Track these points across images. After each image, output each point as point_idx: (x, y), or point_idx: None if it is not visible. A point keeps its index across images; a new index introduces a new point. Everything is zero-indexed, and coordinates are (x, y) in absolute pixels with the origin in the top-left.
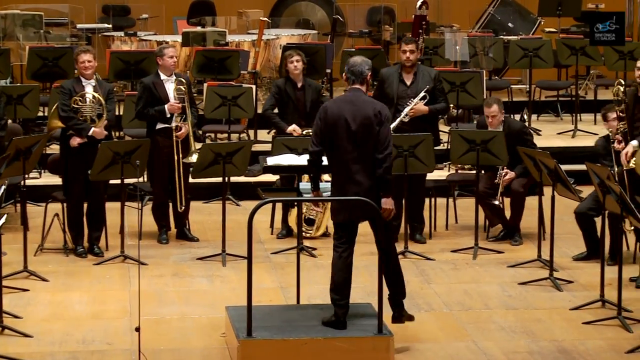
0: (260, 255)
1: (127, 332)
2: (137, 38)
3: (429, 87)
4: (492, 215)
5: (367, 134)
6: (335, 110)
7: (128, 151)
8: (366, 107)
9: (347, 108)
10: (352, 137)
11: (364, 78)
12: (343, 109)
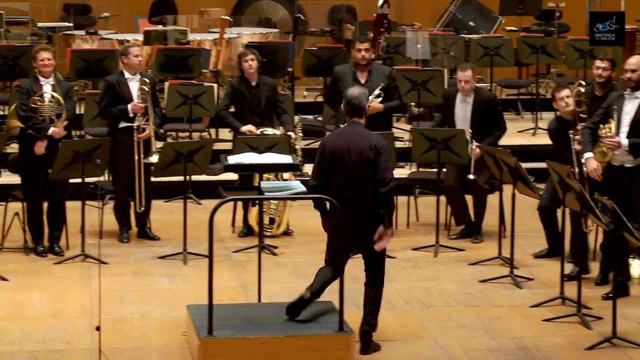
0: (221, 254)
1: (87, 332)
2: (98, 37)
3: (383, 85)
4: (458, 212)
5: (363, 167)
6: (333, 144)
7: (89, 150)
8: (363, 140)
9: (345, 142)
10: (348, 171)
11: (362, 110)
12: (341, 143)
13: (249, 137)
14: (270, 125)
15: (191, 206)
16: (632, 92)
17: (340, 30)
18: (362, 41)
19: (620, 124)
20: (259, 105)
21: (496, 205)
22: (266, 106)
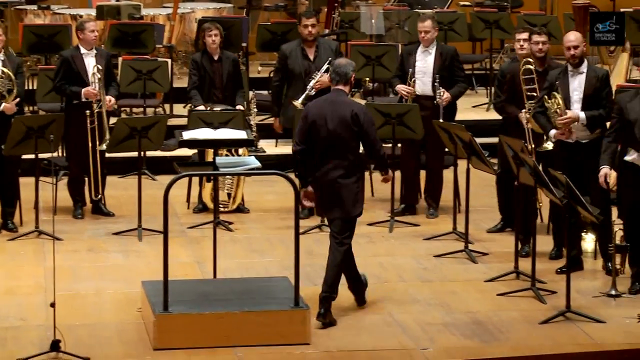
0: (176, 230)
1: (41, 308)
2: (50, 11)
3: (331, 60)
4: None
5: (343, 134)
6: (315, 110)
7: (42, 125)
8: (344, 108)
9: (327, 108)
10: (327, 136)
11: (348, 79)
12: (323, 109)
13: (204, 112)
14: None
15: (146, 182)
16: (576, 68)
17: (295, 5)
18: (308, 17)
19: (570, 100)
20: (221, 80)
21: (451, 180)
22: (227, 81)
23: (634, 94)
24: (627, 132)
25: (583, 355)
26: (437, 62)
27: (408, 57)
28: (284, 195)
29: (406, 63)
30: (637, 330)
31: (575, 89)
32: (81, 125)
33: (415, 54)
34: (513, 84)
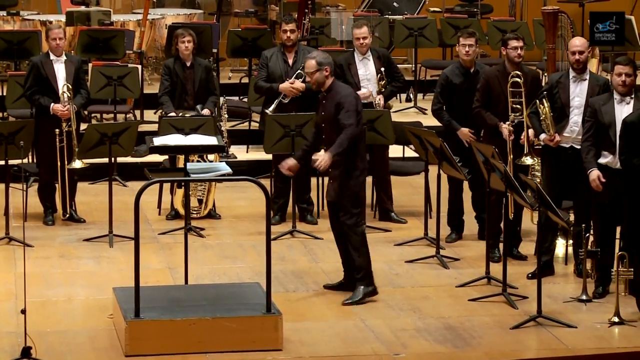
0: (148, 236)
1: (12, 315)
2: (20, 17)
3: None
4: None
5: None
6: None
7: (12, 132)
8: (335, 97)
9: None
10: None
11: None
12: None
13: (174, 118)
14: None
15: (117, 188)
16: (579, 75)
17: (265, 11)
18: (287, 22)
19: (570, 105)
20: (192, 87)
21: (422, 186)
22: (200, 87)
23: (607, 98)
24: (602, 135)
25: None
26: (378, 66)
27: (349, 67)
28: (256, 201)
29: (347, 73)
30: (607, 335)
31: (577, 94)
32: (51, 132)
33: (354, 63)
34: (489, 89)
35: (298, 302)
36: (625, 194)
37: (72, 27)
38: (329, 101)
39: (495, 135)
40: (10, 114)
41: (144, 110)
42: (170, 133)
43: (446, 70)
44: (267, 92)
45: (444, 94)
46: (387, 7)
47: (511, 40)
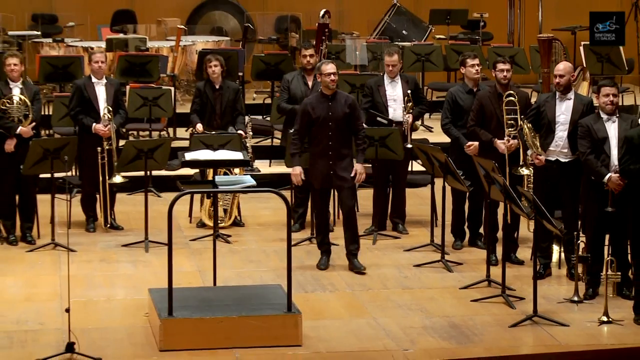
0: (180, 242)
1: (58, 313)
2: (64, 44)
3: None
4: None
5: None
6: None
7: (57, 148)
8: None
9: None
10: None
11: None
12: None
13: (205, 135)
14: (230, 126)
15: (152, 199)
16: (563, 95)
17: (286, 38)
18: (307, 48)
19: (555, 122)
20: (220, 108)
21: (429, 197)
22: (227, 107)
23: (596, 117)
24: (597, 150)
25: (549, 355)
26: (405, 89)
27: (378, 89)
28: (278, 211)
29: (376, 95)
30: (597, 333)
31: (562, 112)
32: (93, 148)
33: (383, 85)
34: (482, 109)
35: (316, 302)
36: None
37: (112, 53)
38: (336, 102)
39: (489, 150)
40: (55, 131)
41: (176, 128)
42: (200, 149)
43: (452, 90)
44: (289, 113)
45: (451, 111)
46: (397, 35)
47: (499, 63)
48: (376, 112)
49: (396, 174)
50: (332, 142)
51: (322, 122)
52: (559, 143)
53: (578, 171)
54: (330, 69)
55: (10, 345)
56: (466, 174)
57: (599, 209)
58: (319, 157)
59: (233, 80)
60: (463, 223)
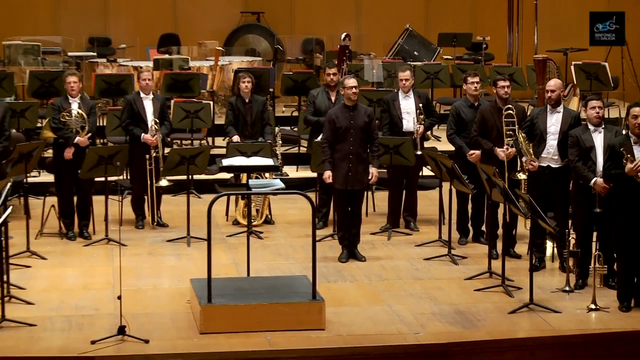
0: (218, 238)
1: (111, 300)
2: (117, 64)
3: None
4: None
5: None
6: None
7: (110, 155)
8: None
9: None
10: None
11: None
12: None
13: (240, 144)
14: (259, 135)
15: (193, 200)
16: (554, 108)
17: (311, 58)
18: (330, 67)
19: (547, 132)
20: (251, 119)
21: (437, 198)
22: (256, 119)
23: (584, 129)
24: (584, 157)
25: (543, 339)
26: (417, 103)
27: (393, 103)
28: (304, 210)
29: (392, 109)
30: (586, 319)
31: (553, 124)
32: (142, 155)
33: (398, 100)
34: (484, 121)
35: (337, 291)
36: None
37: (158, 71)
38: (357, 113)
39: (490, 157)
40: (109, 140)
41: (214, 138)
42: (235, 155)
43: (456, 104)
44: (314, 124)
45: (455, 123)
46: (409, 55)
47: (499, 80)
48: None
49: (409, 178)
50: (352, 147)
51: (344, 131)
52: (550, 151)
53: (567, 176)
54: (352, 82)
55: (70, 328)
56: (470, 178)
57: (587, 210)
58: (340, 161)
59: (264, 96)
60: (467, 221)
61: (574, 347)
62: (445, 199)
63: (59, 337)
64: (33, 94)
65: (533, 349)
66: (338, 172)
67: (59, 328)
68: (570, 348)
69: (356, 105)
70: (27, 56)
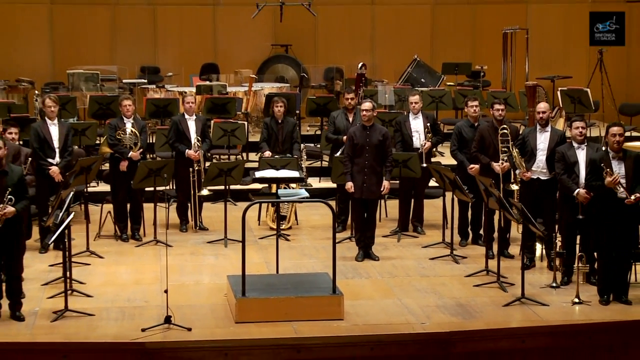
0: (251, 240)
1: (158, 294)
2: (164, 89)
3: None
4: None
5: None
6: None
7: (159, 167)
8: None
9: None
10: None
11: None
12: None
13: (270, 158)
14: (289, 151)
15: (230, 207)
16: (543, 128)
17: (332, 84)
18: (349, 92)
19: (537, 149)
20: (282, 138)
21: (441, 206)
22: (286, 137)
23: (569, 146)
24: (569, 171)
25: (533, 328)
26: (425, 123)
27: (404, 123)
28: (325, 216)
29: (403, 128)
30: (570, 311)
31: (542, 141)
32: (186, 169)
33: (408, 120)
34: (482, 139)
35: (354, 287)
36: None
37: (200, 96)
38: (373, 132)
39: (488, 171)
40: (157, 155)
41: (248, 153)
42: (266, 168)
43: (458, 124)
44: (335, 142)
45: (457, 140)
46: (417, 82)
47: (495, 104)
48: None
49: (417, 188)
50: (367, 162)
51: (360, 147)
52: (540, 165)
53: (555, 187)
54: (365, 105)
55: (123, 317)
56: (470, 188)
57: (571, 216)
58: (357, 173)
59: (291, 117)
60: (467, 226)
61: (560, 335)
62: (448, 206)
63: (114, 326)
64: (92, 116)
65: (524, 337)
66: (355, 183)
67: (114, 317)
68: (556, 336)
69: (373, 125)
70: (88, 83)
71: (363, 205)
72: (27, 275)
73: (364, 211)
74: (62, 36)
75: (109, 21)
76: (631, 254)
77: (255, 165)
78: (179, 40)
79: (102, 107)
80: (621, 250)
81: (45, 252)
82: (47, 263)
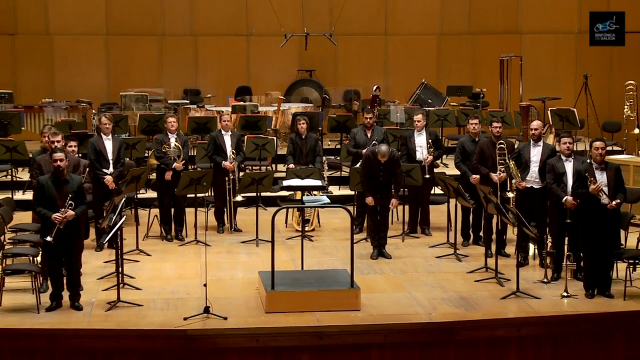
0: (279, 240)
1: (199, 287)
2: (204, 108)
3: (377, 138)
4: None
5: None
6: None
7: (199, 177)
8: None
9: None
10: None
11: None
12: None
13: (296, 169)
14: (312, 163)
15: (261, 211)
16: (536, 142)
17: (350, 104)
18: (367, 112)
19: (530, 161)
20: (306, 151)
21: (446, 211)
22: (310, 151)
23: (558, 159)
24: (558, 180)
25: (527, 318)
26: (428, 139)
27: (409, 139)
28: (344, 220)
29: (408, 143)
30: (560, 304)
31: (535, 154)
32: (223, 178)
33: (413, 136)
34: (482, 153)
35: (369, 281)
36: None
37: (235, 114)
38: (388, 164)
39: (487, 180)
40: (198, 166)
41: (277, 164)
42: (293, 178)
43: (461, 139)
44: (354, 155)
45: (461, 154)
46: (424, 102)
47: (493, 122)
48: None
49: (422, 195)
50: (381, 179)
51: (375, 166)
52: (533, 175)
53: (546, 194)
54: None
55: (167, 307)
56: (471, 196)
57: (560, 220)
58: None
59: (315, 133)
60: (469, 229)
61: (551, 325)
62: (452, 211)
63: (160, 315)
64: (142, 132)
65: (519, 326)
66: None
67: (160, 307)
68: (547, 325)
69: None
70: (138, 103)
71: (377, 210)
72: (85, 271)
73: (378, 215)
74: (116, 63)
75: (156, 50)
76: (613, 254)
77: (283, 175)
78: (217, 66)
79: (150, 124)
80: (604, 250)
81: (100, 250)
82: (102, 260)
